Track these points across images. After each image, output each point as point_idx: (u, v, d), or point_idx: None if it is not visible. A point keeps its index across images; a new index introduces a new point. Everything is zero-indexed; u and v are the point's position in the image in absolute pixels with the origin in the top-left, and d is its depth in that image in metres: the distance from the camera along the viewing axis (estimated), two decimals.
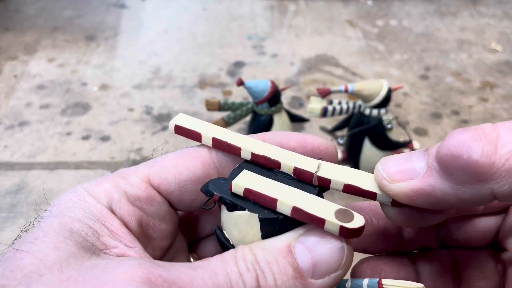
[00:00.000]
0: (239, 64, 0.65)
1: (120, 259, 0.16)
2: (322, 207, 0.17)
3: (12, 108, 0.57)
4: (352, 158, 0.46)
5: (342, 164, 0.49)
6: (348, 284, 0.19)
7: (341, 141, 0.46)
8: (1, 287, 0.15)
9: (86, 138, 0.52)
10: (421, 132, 0.54)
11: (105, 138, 0.52)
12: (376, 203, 0.20)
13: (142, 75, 0.63)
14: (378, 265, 0.23)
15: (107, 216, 0.18)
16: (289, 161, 0.20)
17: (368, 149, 0.44)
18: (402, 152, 0.50)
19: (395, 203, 0.19)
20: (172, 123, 0.22)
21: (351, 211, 0.17)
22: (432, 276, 0.23)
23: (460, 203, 0.17)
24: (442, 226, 0.23)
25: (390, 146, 0.44)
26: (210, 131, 0.21)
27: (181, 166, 0.20)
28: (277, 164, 0.20)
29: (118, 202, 0.19)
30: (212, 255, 0.24)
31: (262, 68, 0.65)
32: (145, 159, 0.23)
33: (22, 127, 0.54)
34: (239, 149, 0.21)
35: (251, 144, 0.21)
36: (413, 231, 0.22)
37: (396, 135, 0.46)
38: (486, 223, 0.22)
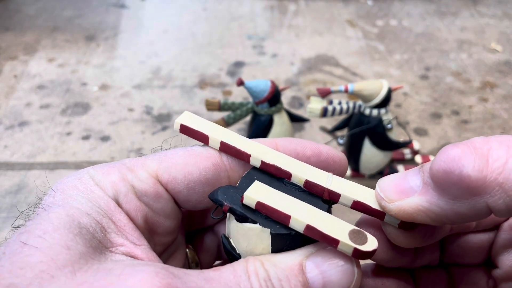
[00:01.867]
0: (239, 64, 0.65)
1: (134, 264, 0.16)
2: (336, 227, 0.17)
3: (12, 108, 0.57)
4: (352, 158, 0.46)
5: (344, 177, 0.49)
6: None
7: (341, 141, 0.46)
8: (11, 286, 0.14)
9: (86, 138, 0.52)
10: (421, 132, 0.54)
11: (105, 138, 0.52)
12: None
13: (142, 75, 0.63)
14: (381, 280, 0.23)
15: (115, 210, 0.18)
16: (301, 173, 0.20)
17: (368, 149, 0.44)
18: (402, 152, 0.50)
19: (403, 225, 0.19)
20: (177, 122, 0.21)
21: (365, 232, 0.17)
22: None
23: (458, 218, 0.17)
24: (439, 243, 0.23)
25: (390, 146, 0.44)
26: (218, 134, 0.21)
27: (191, 166, 0.20)
28: (288, 175, 0.20)
29: (125, 196, 0.19)
30: (208, 249, 0.24)
31: (262, 68, 0.65)
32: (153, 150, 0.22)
33: (22, 127, 0.54)
34: (249, 155, 0.20)
35: (261, 151, 0.20)
36: (423, 248, 0.23)
37: (396, 135, 0.46)
38: (479, 240, 0.22)
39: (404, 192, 0.18)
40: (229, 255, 0.19)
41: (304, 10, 0.80)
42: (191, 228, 0.24)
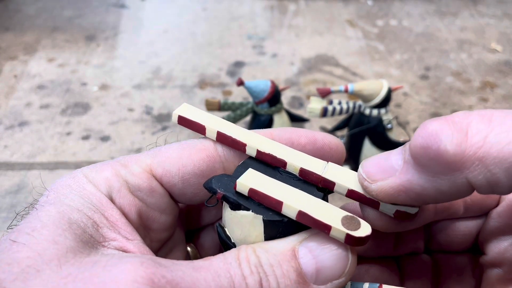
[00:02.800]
0: (239, 64, 0.65)
1: (121, 256, 0.16)
2: (329, 213, 0.17)
3: (12, 108, 0.57)
4: (352, 158, 0.46)
5: (342, 165, 0.49)
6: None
7: (341, 141, 0.46)
8: None
9: (86, 138, 0.52)
10: None
11: (105, 138, 0.52)
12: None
13: (142, 75, 0.63)
14: (365, 267, 0.22)
15: (107, 206, 0.18)
16: (296, 161, 0.19)
17: (368, 149, 0.44)
18: None
19: (398, 215, 0.18)
20: (175, 113, 0.21)
21: (358, 219, 0.17)
22: (413, 279, 0.23)
23: (440, 196, 0.16)
24: (425, 230, 0.22)
25: (390, 146, 0.44)
26: (215, 124, 0.21)
27: (185, 159, 0.19)
28: (283, 164, 0.20)
29: (118, 192, 0.18)
30: (210, 247, 0.24)
31: (262, 68, 0.65)
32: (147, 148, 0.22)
33: (22, 127, 0.54)
34: (244, 145, 0.20)
35: (257, 141, 0.20)
36: (405, 236, 0.22)
37: (396, 135, 0.46)
38: (466, 227, 0.21)
39: (386, 172, 0.17)
40: (224, 244, 0.19)
41: (304, 10, 0.80)
42: (192, 227, 0.24)
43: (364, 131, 0.43)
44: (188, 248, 0.23)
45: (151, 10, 0.79)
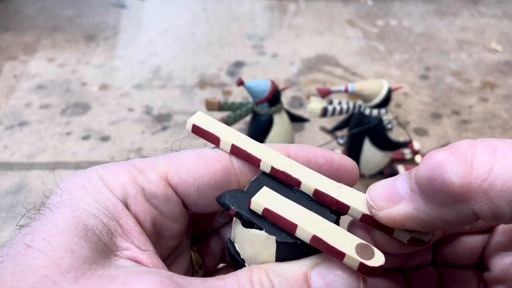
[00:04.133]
0: (239, 64, 0.65)
1: (138, 272, 0.16)
2: (343, 239, 0.17)
3: (12, 108, 0.57)
4: (352, 158, 0.46)
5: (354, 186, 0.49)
6: None
7: (341, 141, 0.46)
8: None
9: (86, 138, 0.52)
10: (421, 132, 0.54)
11: (105, 138, 0.52)
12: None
13: (142, 75, 0.63)
14: (374, 280, 0.22)
15: (122, 213, 0.18)
16: (310, 181, 0.19)
17: (368, 149, 0.44)
18: (402, 152, 0.50)
19: (412, 241, 0.18)
20: (190, 122, 0.21)
21: (372, 247, 0.17)
22: None
23: (446, 225, 0.17)
24: (433, 243, 0.23)
25: (390, 146, 0.44)
26: (229, 136, 0.20)
27: (202, 169, 0.19)
28: (298, 183, 0.19)
29: (134, 198, 0.18)
30: (214, 253, 0.24)
31: (262, 68, 0.65)
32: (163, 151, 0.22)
33: (22, 127, 0.54)
34: (259, 160, 0.20)
35: (272, 157, 0.20)
36: (416, 251, 0.23)
37: (396, 135, 0.46)
38: (472, 242, 0.22)
39: (393, 200, 0.17)
40: (233, 259, 0.19)
41: (304, 10, 0.80)
42: (197, 231, 0.24)
43: (364, 131, 0.43)
44: (191, 253, 0.23)
45: (151, 10, 0.79)
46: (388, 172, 0.46)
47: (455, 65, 0.66)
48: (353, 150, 0.45)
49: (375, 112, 0.42)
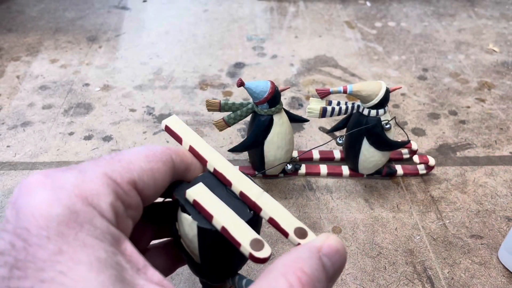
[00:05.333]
0: (239, 65, 0.66)
1: None
2: (244, 233, 0.21)
3: (15, 109, 0.57)
4: (351, 158, 0.47)
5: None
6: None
7: (340, 141, 0.46)
8: None
9: (88, 138, 0.53)
10: (419, 132, 0.54)
11: (107, 138, 0.53)
12: None
13: (144, 76, 0.64)
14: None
15: (119, 240, 0.18)
16: (239, 184, 0.24)
17: (366, 149, 0.45)
18: (400, 152, 0.51)
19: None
20: (164, 122, 0.26)
21: (264, 242, 0.21)
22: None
23: None
24: None
25: (388, 146, 0.44)
26: (190, 139, 0.26)
27: (156, 172, 0.21)
28: (229, 184, 0.24)
29: (121, 217, 0.19)
30: (146, 235, 0.26)
31: (262, 69, 0.65)
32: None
33: (24, 127, 0.54)
34: (206, 161, 0.25)
35: (216, 160, 0.25)
36: None
37: (395, 135, 0.46)
38: None
39: None
40: (173, 235, 0.24)
41: (303, 12, 0.81)
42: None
43: (362, 131, 0.44)
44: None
45: (152, 12, 0.80)
46: (386, 171, 0.47)
47: (452, 66, 0.66)
48: (351, 150, 0.46)
49: (373, 112, 0.43)
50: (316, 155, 0.50)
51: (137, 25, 0.76)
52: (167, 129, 0.26)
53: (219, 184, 0.24)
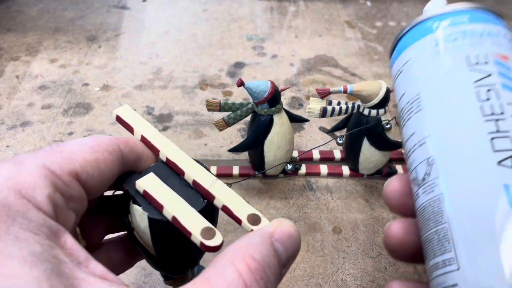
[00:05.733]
0: (239, 65, 0.66)
1: None
2: (195, 222, 0.21)
3: (14, 108, 0.57)
4: (351, 158, 0.46)
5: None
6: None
7: (340, 141, 0.46)
8: None
9: None
10: None
11: None
12: None
13: (143, 75, 0.63)
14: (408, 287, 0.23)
15: (58, 233, 0.17)
16: (191, 173, 0.23)
17: (366, 149, 0.44)
18: (401, 152, 0.50)
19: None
20: (115, 112, 0.25)
21: (216, 230, 0.20)
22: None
23: None
24: None
25: (388, 146, 0.44)
26: (141, 128, 0.25)
27: (102, 162, 0.21)
28: (182, 173, 0.23)
29: (61, 210, 0.18)
30: (98, 229, 0.26)
31: (262, 68, 0.65)
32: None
33: (24, 127, 0.54)
34: (158, 151, 0.24)
35: (169, 149, 0.24)
36: None
37: (395, 135, 0.46)
38: None
39: None
40: (126, 227, 0.24)
41: (303, 11, 0.80)
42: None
43: (362, 131, 0.43)
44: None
45: (152, 12, 0.80)
46: (386, 171, 0.47)
47: None
48: (352, 150, 0.46)
49: (373, 112, 0.43)
50: (316, 155, 0.50)
51: (137, 25, 0.76)
52: (118, 119, 0.25)
53: (171, 173, 0.24)
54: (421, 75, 0.22)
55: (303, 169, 0.48)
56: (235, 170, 0.47)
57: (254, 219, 0.22)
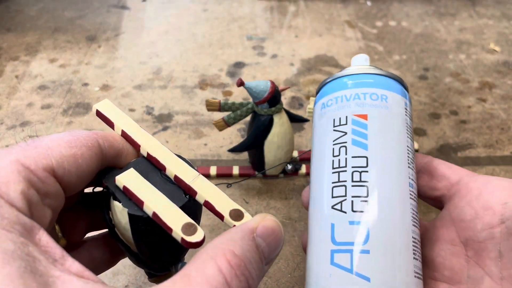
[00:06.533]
0: (239, 65, 0.66)
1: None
2: (176, 218, 0.20)
3: (14, 108, 0.57)
4: None
5: None
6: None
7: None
8: None
9: None
10: (420, 132, 0.54)
11: None
12: None
13: (143, 75, 0.63)
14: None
15: (33, 230, 0.16)
16: (173, 168, 0.23)
17: None
18: None
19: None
20: (94, 107, 0.25)
21: (197, 226, 0.20)
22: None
23: None
24: None
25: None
26: (121, 123, 0.24)
27: (80, 158, 0.20)
28: (164, 168, 0.23)
29: (36, 206, 0.18)
30: (79, 226, 0.26)
31: (262, 68, 0.65)
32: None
33: (23, 127, 0.54)
34: (139, 146, 0.24)
35: (150, 144, 0.24)
36: None
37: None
38: None
39: None
40: (107, 224, 0.24)
41: (303, 11, 0.80)
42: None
43: None
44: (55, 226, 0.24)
45: (152, 11, 0.80)
46: None
47: (453, 65, 0.66)
48: None
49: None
50: None
51: (137, 25, 0.75)
52: (98, 114, 0.25)
53: (153, 169, 0.23)
54: (314, 128, 0.29)
55: (303, 169, 0.47)
56: (235, 170, 0.47)
57: (237, 215, 0.21)
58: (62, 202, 0.20)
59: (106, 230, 0.27)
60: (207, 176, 0.47)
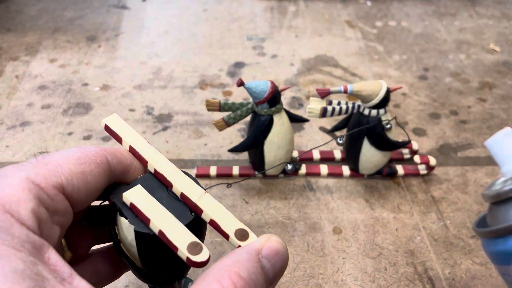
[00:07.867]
0: (239, 65, 0.66)
1: None
2: (181, 237, 0.21)
3: (14, 108, 0.57)
4: (351, 158, 0.46)
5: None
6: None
7: (340, 141, 0.46)
8: None
9: (87, 138, 0.53)
10: (419, 132, 0.54)
11: (106, 138, 0.53)
12: None
13: (143, 75, 0.63)
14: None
15: (43, 251, 0.16)
16: (179, 185, 0.23)
17: (367, 149, 0.44)
18: (401, 152, 0.50)
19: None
20: (103, 121, 0.25)
21: (203, 245, 0.20)
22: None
23: None
24: None
25: (388, 146, 0.44)
26: (130, 139, 0.25)
27: (89, 175, 0.21)
28: (170, 185, 0.23)
29: (45, 224, 0.18)
30: (86, 239, 0.26)
31: (262, 68, 0.65)
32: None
33: (23, 127, 0.54)
34: (146, 162, 0.24)
35: (157, 161, 0.24)
36: None
37: (395, 135, 0.46)
38: None
39: None
40: (112, 239, 0.24)
41: (303, 11, 0.80)
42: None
43: (363, 131, 0.43)
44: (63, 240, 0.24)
45: (152, 11, 0.80)
46: (386, 171, 0.47)
47: (453, 65, 0.66)
48: (352, 150, 0.46)
49: (374, 112, 0.42)
50: (316, 155, 0.50)
51: (137, 25, 0.75)
52: (107, 129, 0.25)
53: (160, 185, 0.23)
54: None
55: (303, 169, 0.47)
56: (235, 170, 0.47)
57: (242, 234, 0.21)
58: (70, 219, 0.20)
59: (111, 243, 0.27)
60: (207, 176, 0.47)
